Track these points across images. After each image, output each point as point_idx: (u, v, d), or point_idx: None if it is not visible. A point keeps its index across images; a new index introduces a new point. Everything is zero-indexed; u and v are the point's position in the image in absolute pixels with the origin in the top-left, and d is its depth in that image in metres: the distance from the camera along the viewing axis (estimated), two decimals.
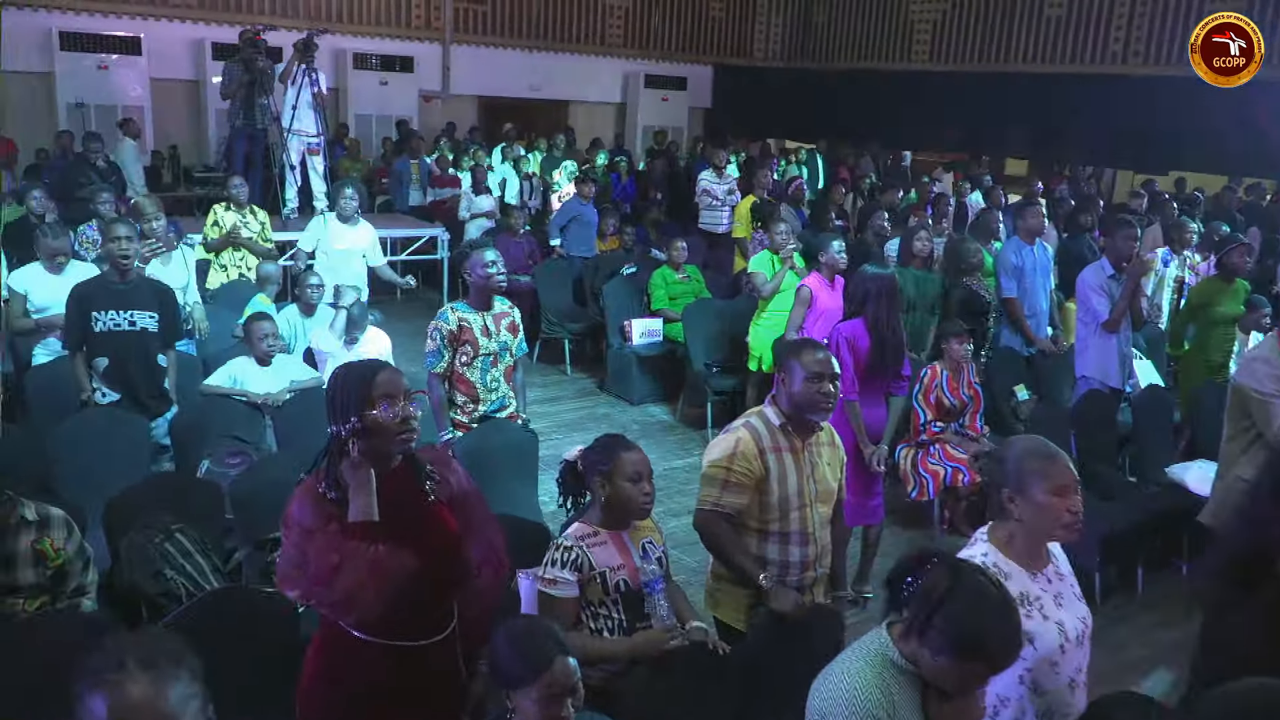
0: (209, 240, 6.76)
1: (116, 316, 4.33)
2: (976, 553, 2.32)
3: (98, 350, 4.37)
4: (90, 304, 4.31)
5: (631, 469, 2.73)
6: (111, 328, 4.32)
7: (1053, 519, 2.25)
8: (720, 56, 18.23)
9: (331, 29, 13.06)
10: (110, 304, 4.32)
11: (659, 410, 7.44)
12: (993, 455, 2.44)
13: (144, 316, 4.39)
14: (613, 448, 2.79)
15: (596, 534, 2.75)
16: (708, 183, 9.91)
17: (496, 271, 4.14)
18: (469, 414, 4.22)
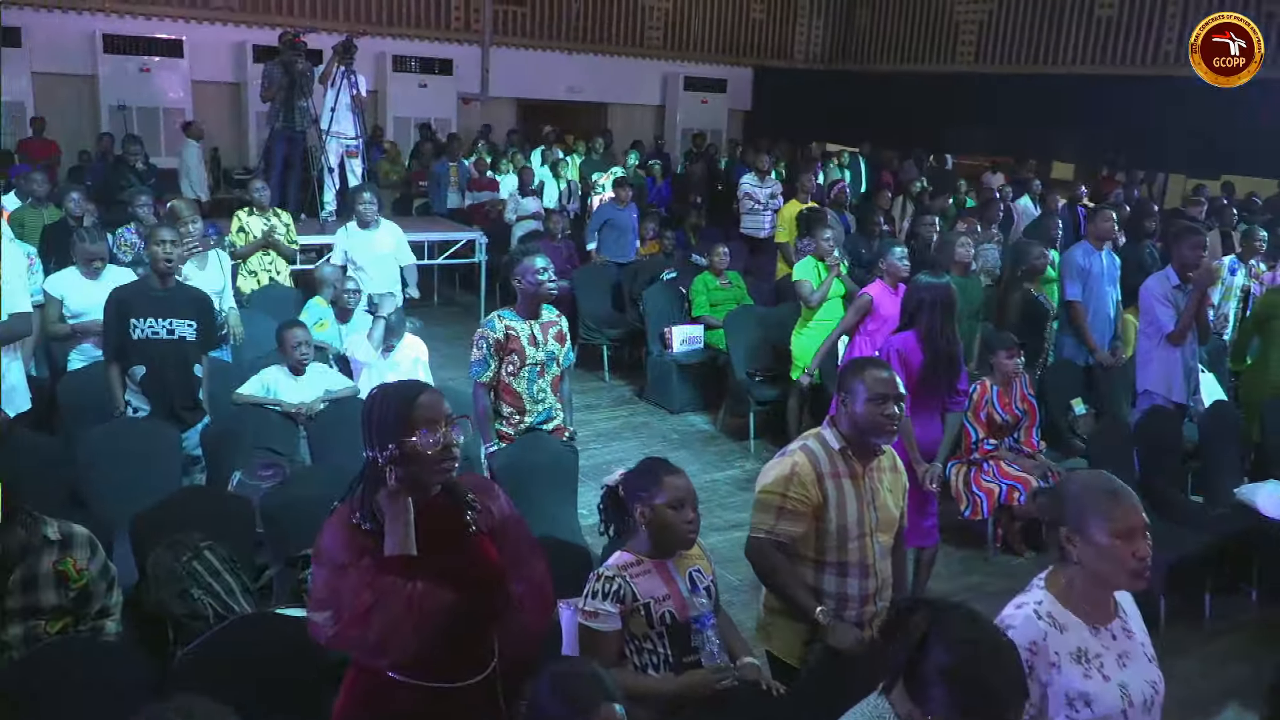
0: (236, 247, 6.66)
1: (155, 324, 4.22)
2: (1030, 600, 2.11)
3: (135, 358, 4.25)
4: (129, 310, 4.20)
5: (674, 494, 2.58)
6: (150, 335, 4.21)
7: (1116, 564, 2.03)
8: (760, 58, 18.07)
9: (371, 31, 13.05)
10: (150, 311, 4.21)
11: (699, 419, 7.26)
12: (1052, 491, 2.23)
13: (183, 325, 4.28)
14: (654, 472, 2.64)
15: (640, 563, 2.59)
16: (749, 187, 9.72)
17: (548, 279, 4.01)
18: (514, 425, 4.09)
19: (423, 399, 2.07)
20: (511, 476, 4.00)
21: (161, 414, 4.23)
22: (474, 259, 9.43)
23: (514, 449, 4.05)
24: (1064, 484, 2.20)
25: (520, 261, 4.02)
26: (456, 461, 2.09)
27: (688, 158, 15.45)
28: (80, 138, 11.72)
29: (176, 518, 3.34)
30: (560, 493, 4.17)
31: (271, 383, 4.57)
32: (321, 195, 9.22)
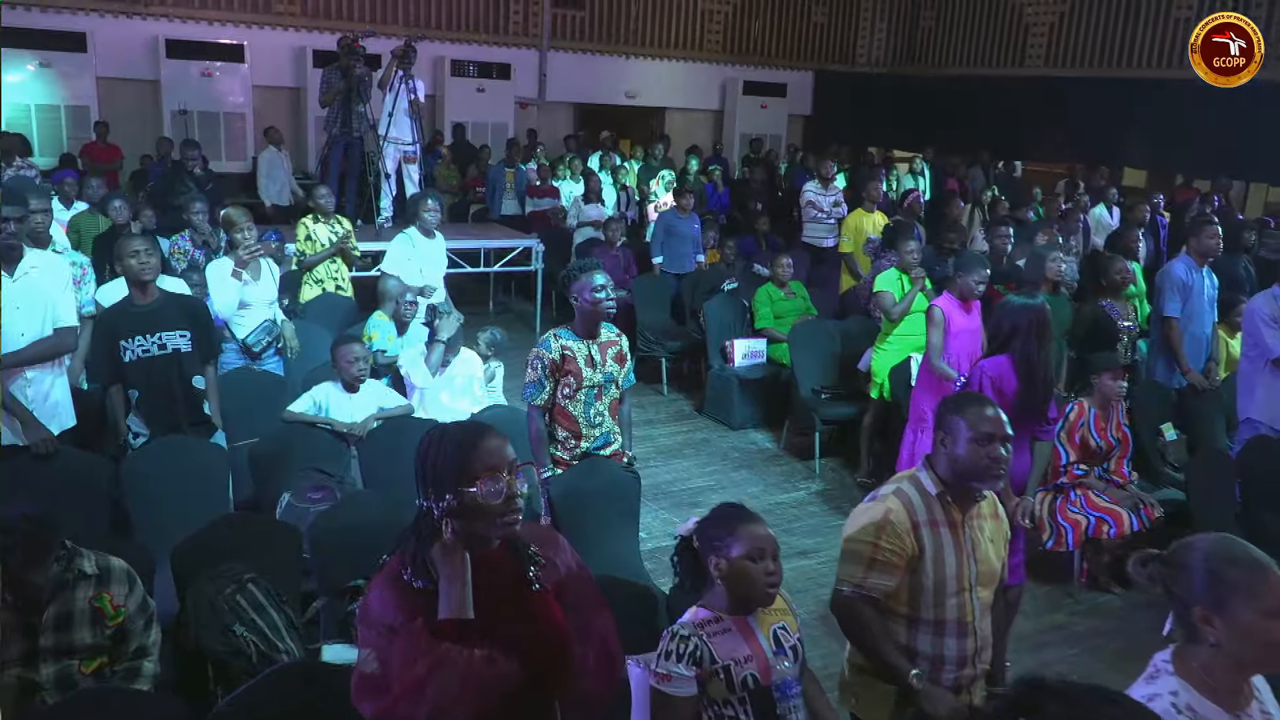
0: (304, 257, 6.52)
1: (145, 341, 4.00)
2: (1164, 690, 1.84)
3: (131, 382, 4.03)
4: (116, 333, 3.99)
5: (752, 544, 2.33)
6: (141, 355, 3.99)
7: (1265, 646, 1.78)
8: (821, 62, 17.76)
9: (430, 36, 12.98)
10: (136, 328, 3.99)
11: (761, 437, 6.99)
12: (1169, 561, 1.93)
13: (174, 336, 4.05)
14: (729, 520, 2.40)
15: (718, 620, 2.35)
16: (813, 194, 9.44)
17: (606, 297, 3.77)
18: (570, 450, 3.86)
19: (484, 444, 1.84)
20: (568, 504, 3.79)
21: (163, 433, 4.01)
22: (530, 266, 9.26)
23: (571, 476, 3.83)
24: (1183, 554, 1.91)
25: (577, 278, 3.79)
26: (520, 514, 1.86)
27: (746, 163, 15.19)
28: (143, 142, 11.78)
29: (221, 546, 3.17)
30: (621, 523, 3.94)
31: (323, 400, 4.39)
32: (378, 201, 9.12)
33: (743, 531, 2.36)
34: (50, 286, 3.74)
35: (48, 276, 3.75)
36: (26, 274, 3.68)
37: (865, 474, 6.19)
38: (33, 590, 2.64)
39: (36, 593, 2.66)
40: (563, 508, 3.78)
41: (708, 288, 8.16)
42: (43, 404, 3.76)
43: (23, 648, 2.67)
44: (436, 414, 4.77)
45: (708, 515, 2.46)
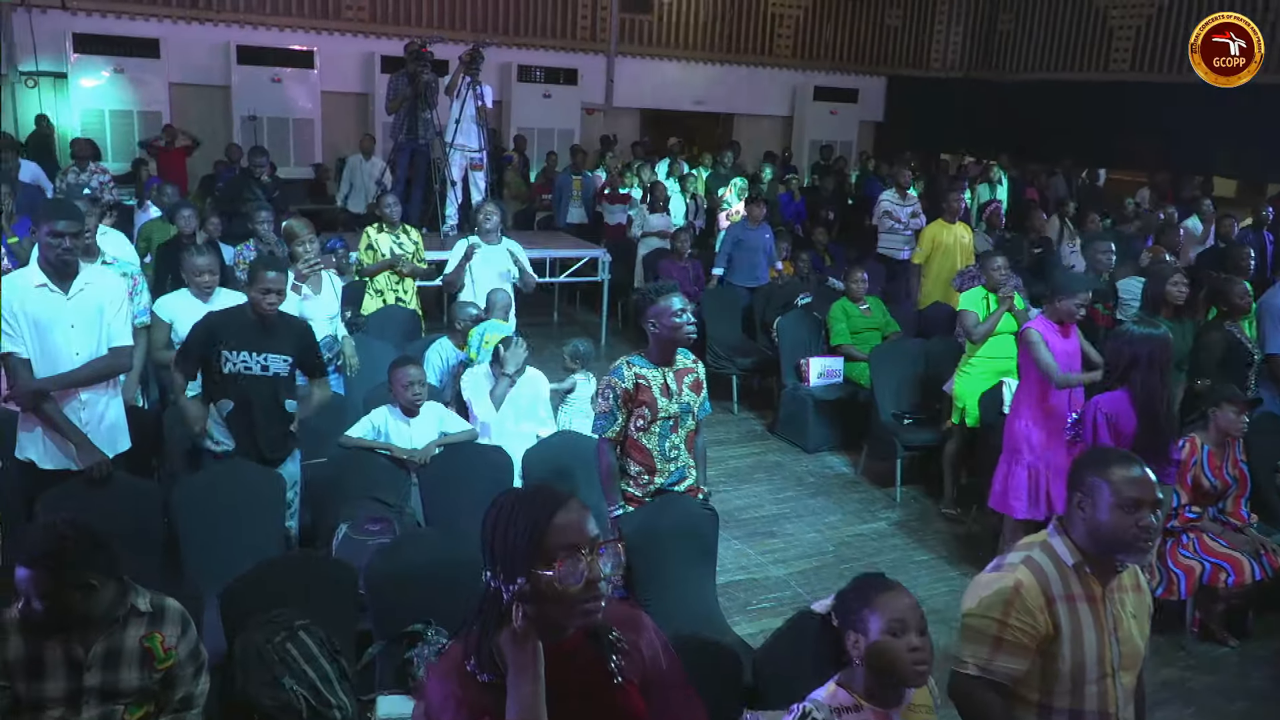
0: (364, 265, 6.36)
1: (249, 359, 3.85)
2: None
3: (222, 392, 3.88)
4: (221, 338, 3.83)
5: (892, 616, 2.03)
6: (242, 370, 3.84)
7: None
8: (894, 67, 17.34)
9: (498, 41, 12.86)
10: (245, 344, 3.84)
11: (837, 461, 6.65)
12: None
13: (278, 360, 3.90)
14: (866, 591, 2.10)
15: (857, 709, 2.05)
16: (890, 204, 9.06)
17: (686, 321, 3.51)
18: (643, 486, 3.60)
19: (562, 519, 1.58)
20: (641, 544, 3.52)
21: (246, 453, 3.84)
22: (596, 277, 9.03)
23: (644, 514, 3.56)
24: None
25: (654, 301, 3.53)
26: (603, 600, 1.59)
27: (815, 171, 14.83)
28: (213, 148, 11.82)
29: (272, 587, 2.97)
30: (696, 564, 3.66)
31: (382, 424, 4.18)
32: (443, 209, 8.96)
33: (881, 602, 2.06)
34: (106, 303, 3.58)
35: (103, 293, 3.58)
36: (82, 290, 3.53)
37: (949, 504, 5.83)
38: (74, 613, 2.44)
39: (80, 619, 2.47)
40: (634, 548, 3.50)
41: (780, 302, 7.85)
42: (98, 427, 3.60)
43: (66, 686, 2.49)
44: (501, 438, 4.54)
45: (845, 588, 2.17)
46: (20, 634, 2.46)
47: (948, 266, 7.81)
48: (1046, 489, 4.72)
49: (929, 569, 5.18)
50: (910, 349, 6.59)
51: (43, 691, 2.45)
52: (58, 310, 3.47)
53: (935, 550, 5.38)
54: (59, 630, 2.46)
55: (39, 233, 3.44)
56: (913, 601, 2.08)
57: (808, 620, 2.57)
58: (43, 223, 3.43)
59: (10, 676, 2.44)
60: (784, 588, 4.89)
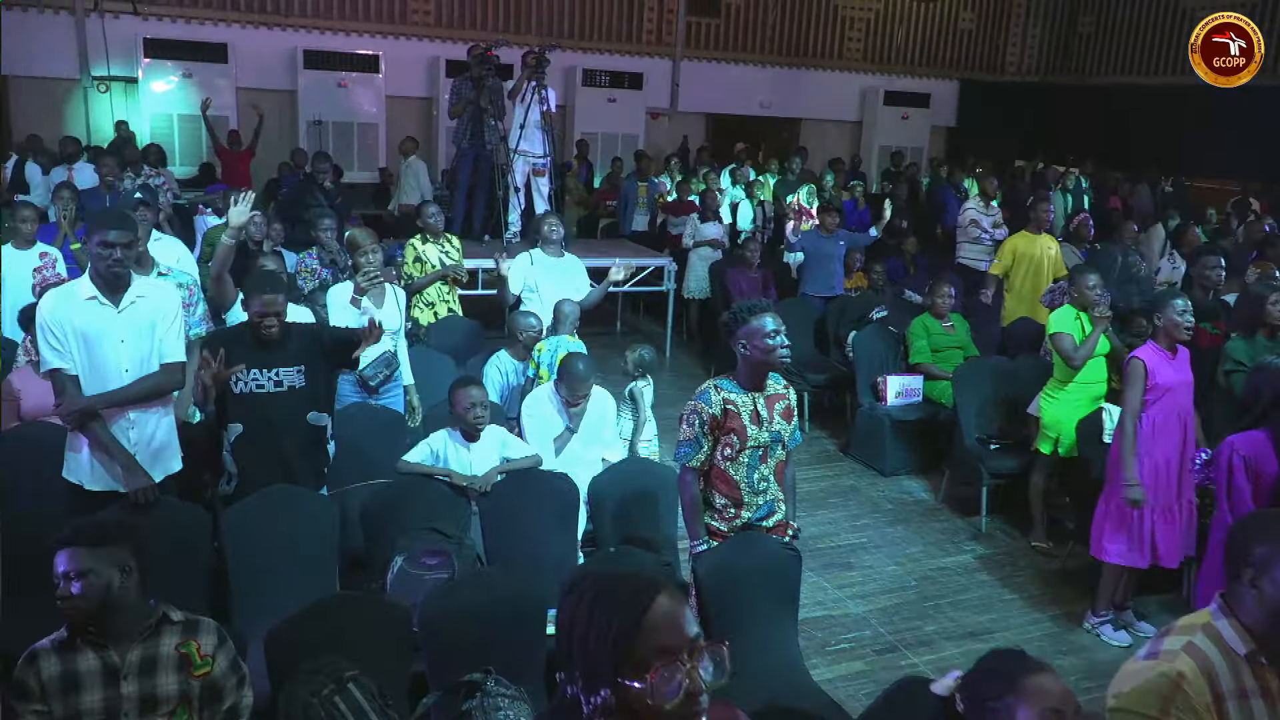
0: (412, 280, 6.13)
1: (259, 375, 3.64)
2: None
3: (234, 415, 3.68)
4: (231, 359, 3.61)
5: (1044, 704, 1.69)
6: (254, 389, 3.65)
7: None
8: (968, 71, 16.87)
9: (564, 45, 12.69)
10: (252, 361, 3.63)
11: (916, 486, 6.30)
12: None
13: (290, 373, 3.69)
14: (1010, 673, 1.75)
15: None
16: (976, 212, 8.67)
17: (780, 344, 3.22)
18: (729, 521, 3.32)
19: (655, 617, 1.30)
20: (718, 583, 3.25)
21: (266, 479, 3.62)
22: (661, 286, 8.77)
23: (724, 551, 3.28)
24: None
25: (745, 321, 3.25)
26: (704, 715, 1.32)
27: (885, 177, 14.41)
28: (280, 153, 11.83)
29: (322, 629, 2.75)
30: (776, 610, 3.36)
31: (441, 449, 3.95)
32: (506, 216, 8.77)
33: (1030, 689, 1.71)
34: (158, 317, 3.40)
35: (155, 306, 3.40)
36: (133, 303, 3.35)
37: (1040, 538, 5.45)
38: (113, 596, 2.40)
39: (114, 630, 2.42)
40: (710, 586, 3.24)
41: (854, 315, 7.51)
42: (146, 448, 3.42)
43: (104, 697, 2.42)
44: (566, 463, 4.29)
45: (975, 668, 1.84)
46: (55, 652, 2.42)
47: (1032, 281, 7.41)
48: (1152, 534, 4.35)
49: (1020, 609, 4.82)
50: (996, 369, 6.21)
51: (80, 705, 2.40)
52: (107, 324, 3.30)
53: (1026, 589, 5.01)
54: (96, 623, 2.41)
55: (89, 243, 3.28)
56: (1066, 687, 1.75)
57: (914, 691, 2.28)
58: (93, 232, 3.27)
59: (47, 699, 2.39)
60: (863, 626, 4.57)
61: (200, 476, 3.97)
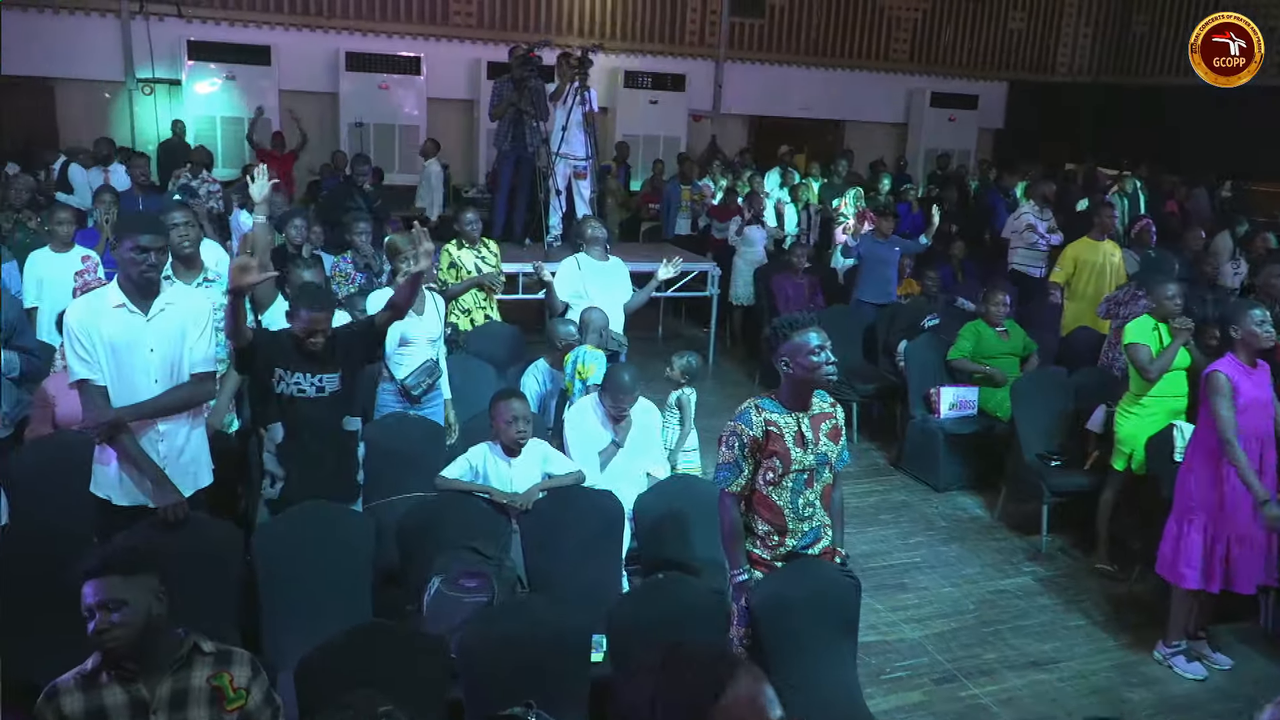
0: (448, 286, 5.98)
1: (303, 380, 3.49)
2: None
3: (275, 415, 3.52)
4: (274, 358, 3.49)
5: None
6: (295, 393, 3.49)
7: None
8: (1017, 72, 16.52)
9: (606, 47, 12.56)
10: (298, 364, 3.48)
11: (970, 502, 6.06)
12: None
13: (333, 380, 3.54)
14: None
15: None
16: (1032, 217, 8.41)
17: (826, 360, 3.02)
18: (772, 548, 3.12)
19: (736, 692, 1.13)
20: (772, 616, 3.06)
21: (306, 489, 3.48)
22: (705, 292, 8.58)
23: (776, 581, 3.08)
24: None
25: (788, 337, 3.04)
26: None
27: (932, 181, 14.10)
28: (321, 155, 11.79)
29: (355, 658, 2.60)
30: (837, 642, 3.17)
31: (480, 464, 3.78)
32: (547, 219, 8.63)
33: None
34: (189, 325, 3.27)
35: (185, 313, 3.27)
36: (162, 310, 3.22)
37: (1104, 560, 5.19)
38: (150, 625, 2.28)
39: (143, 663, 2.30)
40: (765, 621, 3.05)
41: (905, 323, 7.27)
42: (176, 461, 3.29)
43: None
44: (610, 479, 4.12)
45: None
46: (79, 688, 2.30)
47: (1094, 288, 7.14)
48: (1225, 559, 4.10)
49: (1086, 637, 4.57)
50: (1057, 381, 5.96)
51: None
52: (136, 333, 3.18)
53: (1091, 614, 4.76)
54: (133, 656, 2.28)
55: (120, 248, 3.15)
56: None
57: None
58: (125, 237, 3.14)
59: None
60: (919, 653, 4.35)
61: (234, 489, 3.85)
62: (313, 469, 3.54)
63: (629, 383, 4.18)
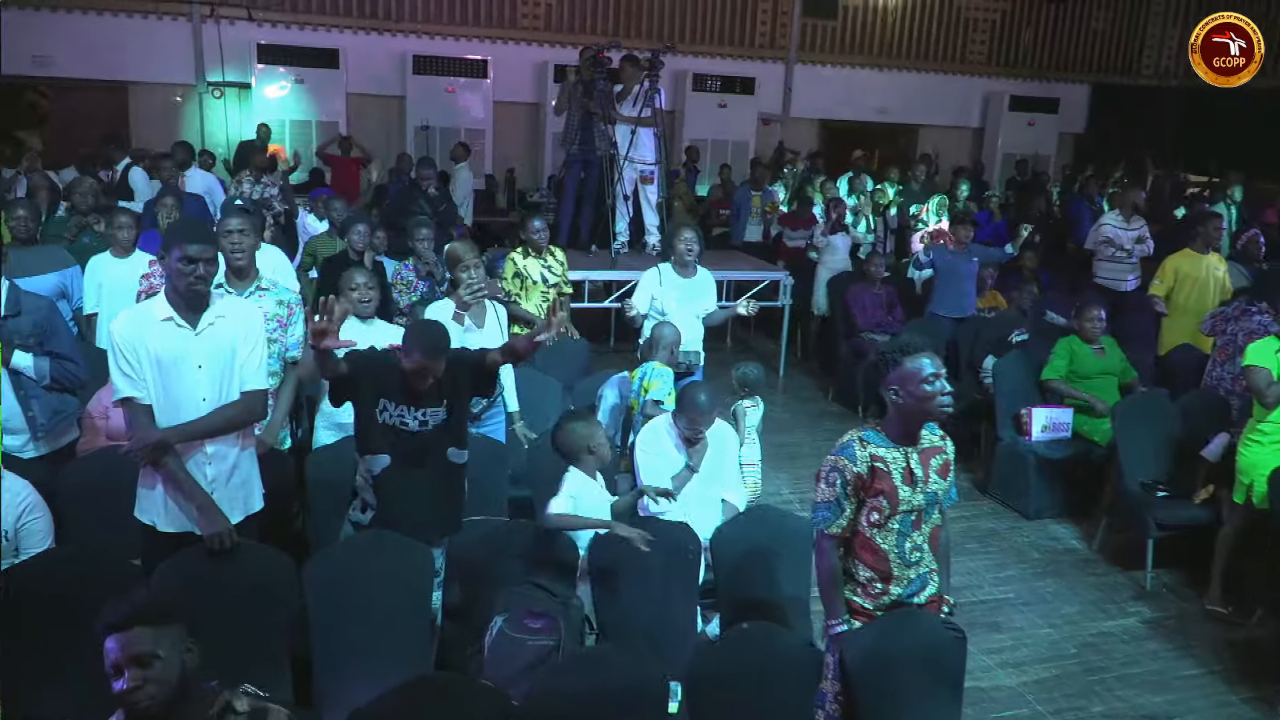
0: (510, 296, 5.71)
1: (406, 414, 3.23)
2: None
3: (378, 445, 3.25)
4: (380, 388, 3.22)
5: None
6: (398, 424, 3.23)
7: None
8: (1099, 74, 15.96)
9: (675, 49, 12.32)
10: (402, 398, 3.22)
11: (1064, 532, 5.65)
12: None
13: (438, 414, 3.28)
14: None
15: None
16: (1113, 228, 7.94)
17: (940, 390, 2.72)
18: (874, 597, 2.80)
19: None
20: (871, 670, 2.75)
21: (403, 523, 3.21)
22: (777, 302, 8.25)
23: (874, 634, 2.77)
24: None
25: (898, 363, 2.74)
26: None
27: (1009, 186, 13.58)
28: (388, 159, 11.72)
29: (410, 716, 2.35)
30: (940, 702, 2.84)
31: (577, 492, 3.42)
32: (613, 225, 8.38)
33: None
34: (239, 340, 3.06)
35: (237, 327, 3.06)
36: (212, 324, 3.02)
37: (1218, 600, 4.76)
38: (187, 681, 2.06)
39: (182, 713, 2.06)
40: (859, 677, 2.74)
41: (991, 338, 6.88)
42: (225, 485, 3.09)
43: None
44: (683, 506, 3.83)
45: None
46: None
47: (1197, 304, 6.68)
48: None
49: (1202, 688, 4.15)
50: (1161, 403, 5.52)
51: None
52: (184, 348, 2.97)
53: (1207, 662, 4.34)
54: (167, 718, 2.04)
55: (168, 258, 2.95)
56: None
57: None
58: (173, 247, 2.94)
59: None
60: (1019, 703, 3.98)
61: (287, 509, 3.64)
62: (411, 502, 3.25)
63: (705, 403, 3.89)
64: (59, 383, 3.64)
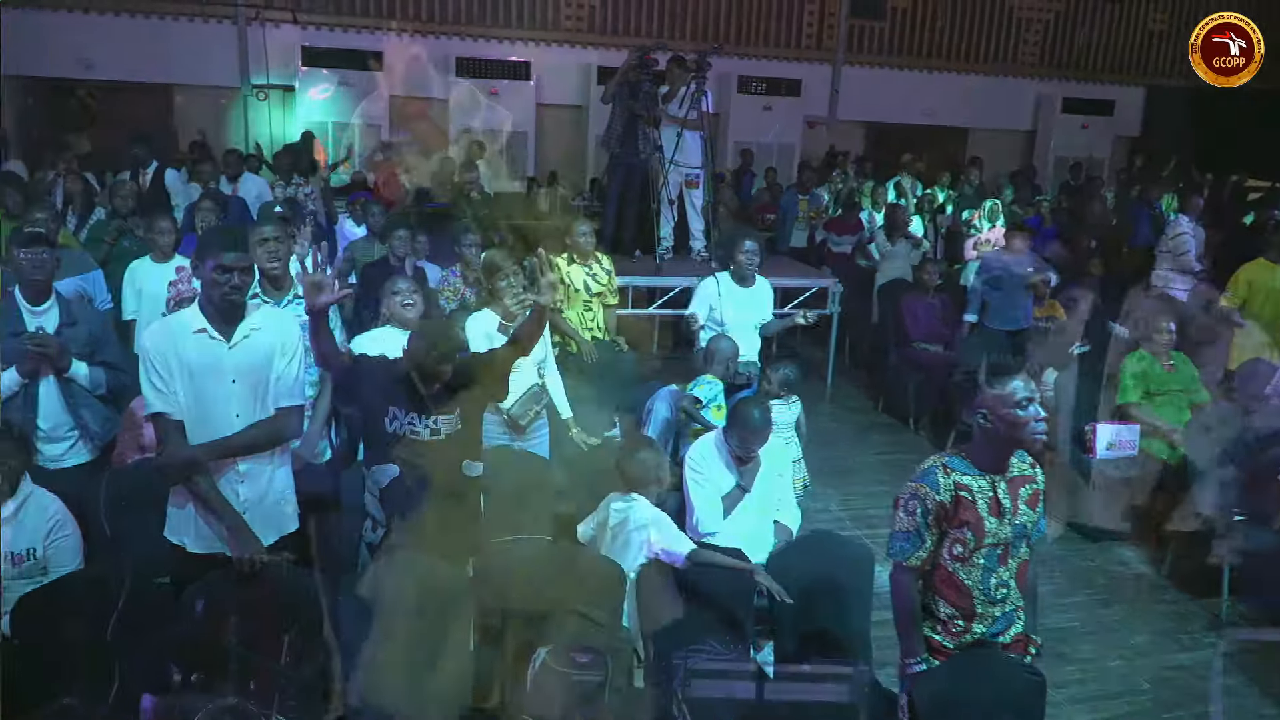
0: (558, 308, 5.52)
1: (416, 422, 3.10)
2: None
3: (385, 454, 3.12)
4: (388, 394, 3.12)
5: None
6: (407, 432, 3.10)
7: None
8: (1156, 76, 15.51)
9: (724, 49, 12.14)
10: (411, 404, 3.10)
11: (1131, 556, 5.39)
12: None
13: (451, 420, 3.14)
14: None
15: None
16: (1190, 238, 7.62)
17: (1033, 415, 2.52)
18: (956, 635, 2.61)
19: None
20: (944, 715, 2.54)
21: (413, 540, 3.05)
22: (825, 310, 8.01)
23: (948, 676, 2.57)
24: None
25: (991, 385, 2.54)
26: None
27: (1063, 191, 13.21)
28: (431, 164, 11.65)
29: None
30: None
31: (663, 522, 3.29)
32: (658, 230, 8.20)
33: None
34: (276, 353, 2.93)
35: (273, 339, 2.93)
36: (247, 337, 2.89)
37: None
38: None
39: None
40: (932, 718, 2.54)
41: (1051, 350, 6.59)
42: (258, 505, 2.95)
43: None
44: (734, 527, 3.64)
45: None
46: None
47: (1270, 316, 6.38)
48: None
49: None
50: (1234, 422, 5.23)
51: None
52: (217, 361, 2.85)
53: None
54: None
55: (202, 267, 2.82)
56: None
57: None
58: (206, 256, 2.81)
59: None
60: None
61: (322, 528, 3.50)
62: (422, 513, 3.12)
63: (759, 420, 3.70)
64: (113, 392, 3.59)
